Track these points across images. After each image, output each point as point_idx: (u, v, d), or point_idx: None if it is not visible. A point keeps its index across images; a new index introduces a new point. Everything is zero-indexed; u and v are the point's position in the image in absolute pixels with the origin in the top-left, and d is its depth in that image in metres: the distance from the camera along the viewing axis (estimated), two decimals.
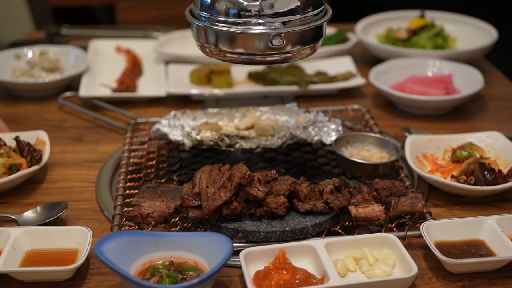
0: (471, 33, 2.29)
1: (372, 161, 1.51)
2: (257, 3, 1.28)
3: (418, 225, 1.30)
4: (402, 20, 2.35)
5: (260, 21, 1.28)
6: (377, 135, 1.60)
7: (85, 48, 2.27)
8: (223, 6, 1.29)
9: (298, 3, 1.30)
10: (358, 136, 1.60)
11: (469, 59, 2.11)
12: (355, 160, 1.50)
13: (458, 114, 1.87)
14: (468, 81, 1.92)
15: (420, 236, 1.26)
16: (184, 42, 2.24)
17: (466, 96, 1.83)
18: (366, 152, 1.56)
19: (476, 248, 1.25)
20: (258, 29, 1.28)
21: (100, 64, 2.18)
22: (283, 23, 1.29)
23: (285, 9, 1.29)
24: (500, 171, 1.44)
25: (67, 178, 1.56)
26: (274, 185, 1.31)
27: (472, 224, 1.28)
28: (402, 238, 1.27)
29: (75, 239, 1.25)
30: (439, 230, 1.27)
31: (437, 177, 1.45)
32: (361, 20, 2.37)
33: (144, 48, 2.31)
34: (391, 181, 1.39)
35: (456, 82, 1.94)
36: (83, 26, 2.61)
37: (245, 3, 1.28)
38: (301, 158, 1.61)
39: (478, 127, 1.75)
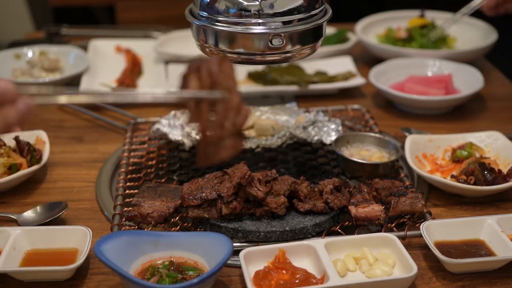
0: (471, 33, 2.29)
1: (372, 161, 1.51)
2: (257, 3, 1.28)
3: (418, 225, 1.30)
4: (402, 20, 2.35)
5: (260, 21, 1.28)
6: (377, 135, 1.59)
7: (85, 48, 2.27)
8: (223, 6, 1.29)
9: (298, 3, 1.30)
10: (358, 136, 1.59)
11: (469, 59, 2.11)
12: (355, 160, 1.50)
13: (458, 114, 1.87)
14: (468, 81, 1.92)
15: (420, 236, 1.25)
16: (184, 42, 2.24)
17: (466, 96, 1.83)
18: (366, 152, 1.56)
19: (476, 248, 1.25)
20: (257, 29, 1.28)
21: (100, 64, 2.18)
22: (283, 23, 1.29)
23: (285, 9, 1.29)
24: (500, 171, 1.44)
25: (67, 178, 1.56)
26: (274, 185, 1.31)
27: (472, 224, 1.28)
28: (402, 238, 1.26)
29: (75, 239, 1.25)
30: (439, 230, 1.26)
31: (437, 177, 1.45)
32: (361, 20, 2.37)
33: (144, 48, 2.31)
34: (391, 181, 1.39)
35: (456, 82, 1.93)
36: (83, 26, 2.61)
37: (245, 3, 1.28)
38: (301, 158, 1.61)
39: (478, 127, 1.74)
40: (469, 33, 2.29)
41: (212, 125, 0.79)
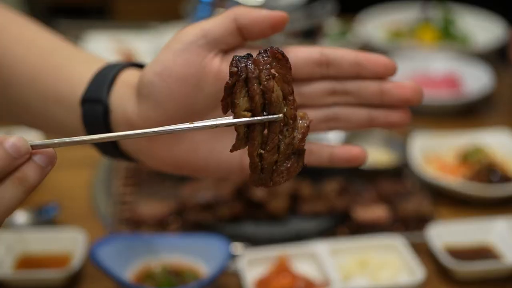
0: (483, 28, 2.23)
1: (375, 161, 1.49)
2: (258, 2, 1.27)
3: (423, 228, 1.27)
4: (405, 14, 2.30)
5: None
6: (381, 135, 1.57)
7: (81, 44, 2.25)
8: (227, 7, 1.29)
9: (299, 2, 1.29)
10: (361, 136, 1.57)
11: (481, 55, 2.06)
12: None
13: (467, 111, 1.83)
14: (479, 79, 1.87)
15: (426, 239, 1.23)
16: None
17: (476, 98, 1.78)
18: (370, 152, 1.53)
19: (485, 253, 1.22)
20: None
21: None
22: None
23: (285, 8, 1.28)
24: (509, 172, 1.41)
25: (62, 178, 1.52)
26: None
27: (480, 227, 1.26)
28: (407, 242, 1.24)
29: (69, 242, 1.22)
30: (445, 233, 1.24)
31: (444, 178, 1.42)
32: (364, 12, 2.32)
33: (142, 45, 2.28)
34: (395, 183, 1.37)
35: (466, 80, 1.88)
36: (79, 21, 2.59)
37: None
38: None
39: (488, 126, 1.70)
40: (480, 28, 2.23)
41: (264, 148, 0.60)
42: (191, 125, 0.58)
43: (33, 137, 1.57)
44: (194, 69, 0.70)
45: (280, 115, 0.59)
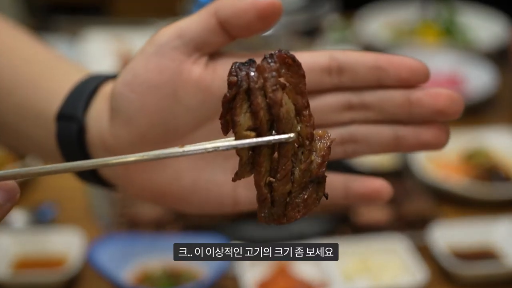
0: (486, 27, 2.21)
1: (376, 162, 1.47)
2: None
3: (424, 228, 1.26)
4: (405, 11, 2.28)
5: None
6: None
7: (77, 43, 2.23)
8: None
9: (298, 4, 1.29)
10: None
11: (484, 54, 2.04)
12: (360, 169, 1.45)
13: (470, 111, 1.80)
14: (482, 78, 1.85)
15: (427, 240, 1.22)
16: None
17: (480, 97, 1.76)
18: None
19: (487, 253, 1.21)
20: None
21: (95, 60, 2.14)
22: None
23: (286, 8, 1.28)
24: None
25: (60, 178, 1.50)
26: None
27: (483, 229, 1.25)
28: (408, 243, 1.23)
29: (67, 243, 1.21)
30: (447, 234, 1.23)
31: (446, 179, 1.40)
32: (363, 9, 2.30)
33: (141, 43, 2.26)
34: (397, 183, 1.35)
35: (469, 79, 1.86)
36: (77, 18, 2.58)
37: None
38: None
39: (491, 126, 1.69)
40: (483, 27, 2.21)
41: (274, 176, 0.49)
42: (182, 149, 0.46)
43: None
44: (168, 76, 0.58)
45: (292, 134, 0.47)
